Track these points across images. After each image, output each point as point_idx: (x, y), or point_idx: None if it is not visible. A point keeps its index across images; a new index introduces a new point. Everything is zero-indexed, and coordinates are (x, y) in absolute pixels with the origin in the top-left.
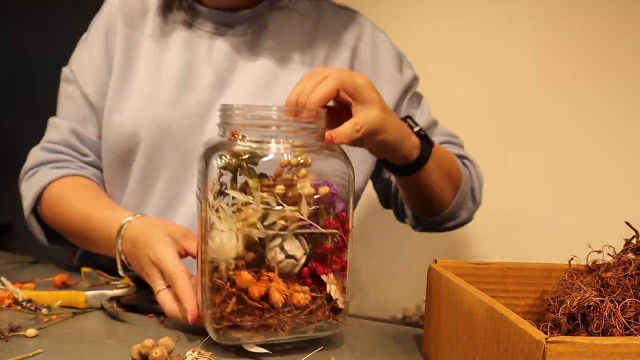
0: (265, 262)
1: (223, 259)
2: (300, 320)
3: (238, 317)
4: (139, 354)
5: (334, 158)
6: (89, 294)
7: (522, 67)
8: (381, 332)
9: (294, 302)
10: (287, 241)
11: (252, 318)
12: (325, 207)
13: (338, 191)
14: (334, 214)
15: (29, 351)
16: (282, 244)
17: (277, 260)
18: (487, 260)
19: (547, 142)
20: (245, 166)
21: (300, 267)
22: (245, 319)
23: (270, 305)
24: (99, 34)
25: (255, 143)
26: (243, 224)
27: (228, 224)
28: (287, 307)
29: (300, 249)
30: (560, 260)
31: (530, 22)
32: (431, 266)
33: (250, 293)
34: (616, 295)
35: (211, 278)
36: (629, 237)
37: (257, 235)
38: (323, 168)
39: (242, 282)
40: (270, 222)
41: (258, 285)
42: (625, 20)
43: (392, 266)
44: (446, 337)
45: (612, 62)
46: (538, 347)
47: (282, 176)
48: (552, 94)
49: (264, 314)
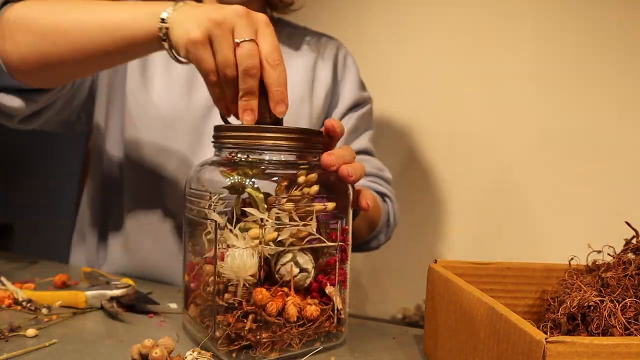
0: (275, 279)
1: (241, 277)
2: (310, 332)
3: (255, 335)
4: (139, 354)
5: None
6: (89, 294)
7: (522, 68)
8: (381, 332)
9: (307, 314)
10: (298, 256)
11: (268, 335)
12: (326, 222)
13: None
14: (340, 228)
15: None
16: (295, 258)
17: (293, 274)
18: (487, 260)
19: (547, 142)
20: (252, 186)
21: (310, 280)
22: (262, 336)
23: (285, 320)
24: None
25: (252, 162)
26: (260, 241)
27: (245, 242)
28: (300, 321)
29: (310, 263)
30: (560, 260)
31: (530, 22)
32: (431, 266)
33: (268, 309)
34: (616, 295)
35: (222, 298)
36: (629, 237)
37: (269, 252)
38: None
39: (261, 299)
40: (283, 238)
41: (275, 301)
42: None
43: (392, 266)
44: (446, 337)
45: (613, 62)
46: (538, 347)
47: (288, 193)
48: (552, 94)
49: (279, 329)
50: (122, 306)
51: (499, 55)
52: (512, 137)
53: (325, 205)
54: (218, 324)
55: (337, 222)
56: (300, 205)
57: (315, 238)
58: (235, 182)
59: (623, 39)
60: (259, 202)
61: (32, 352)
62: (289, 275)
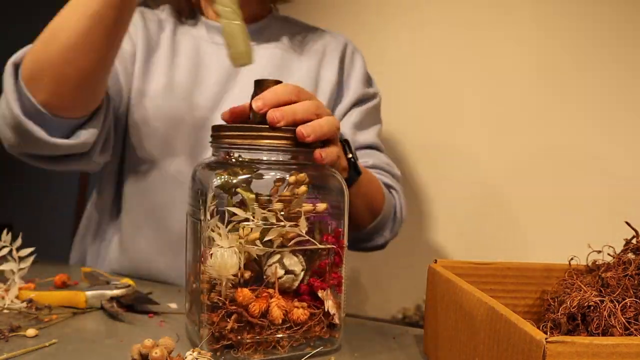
0: (264, 279)
1: (224, 276)
2: (298, 336)
3: (238, 335)
4: (139, 354)
5: (326, 174)
6: (89, 294)
7: (522, 68)
8: (381, 332)
9: (294, 318)
10: (285, 257)
11: (251, 336)
12: (319, 223)
13: (330, 209)
14: (332, 230)
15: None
16: (282, 260)
17: (277, 276)
18: (487, 260)
19: (547, 142)
20: (242, 185)
21: (299, 282)
22: (245, 337)
23: (270, 322)
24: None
25: (249, 162)
26: (244, 241)
27: (229, 242)
28: (286, 324)
29: (299, 265)
30: (560, 260)
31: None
32: (431, 266)
33: (250, 310)
34: (616, 295)
35: (208, 297)
36: (629, 237)
37: (256, 253)
38: (315, 184)
39: (243, 299)
40: (269, 239)
41: (258, 302)
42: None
43: (392, 266)
44: (446, 337)
45: (613, 63)
46: (538, 347)
47: (278, 193)
48: (552, 95)
49: (263, 331)
50: (122, 306)
51: (499, 56)
52: (512, 137)
53: (315, 205)
54: (202, 322)
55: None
56: (292, 206)
57: (305, 240)
58: (224, 182)
59: (624, 41)
60: (250, 202)
61: (32, 352)
62: (274, 277)
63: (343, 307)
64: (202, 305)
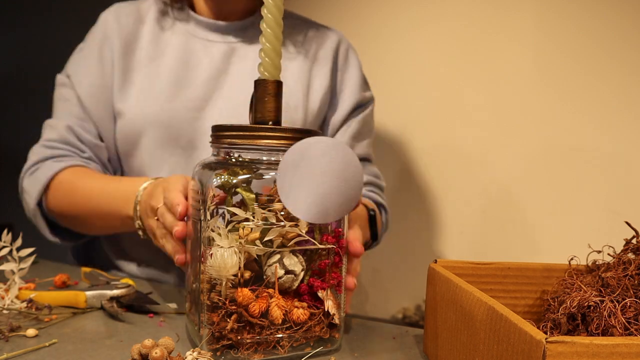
0: (264, 279)
1: (224, 276)
2: (298, 336)
3: (238, 335)
4: (139, 354)
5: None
6: (89, 294)
7: (521, 68)
8: (381, 332)
9: (294, 318)
10: (286, 257)
11: (251, 336)
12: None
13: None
14: (332, 230)
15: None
16: (282, 260)
17: (277, 275)
18: (487, 260)
19: (547, 142)
20: (242, 185)
21: (299, 282)
22: (245, 337)
23: (270, 322)
24: (95, 43)
25: (249, 162)
26: (244, 241)
27: (229, 241)
28: (286, 324)
29: (299, 265)
30: (560, 260)
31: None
32: (431, 266)
33: (250, 310)
34: (616, 295)
35: (209, 297)
36: (629, 237)
37: (256, 253)
38: None
39: (243, 299)
40: (269, 239)
41: (258, 302)
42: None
43: (392, 266)
44: (446, 337)
45: (612, 63)
46: (538, 347)
47: (278, 193)
48: (552, 95)
49: (263, 331)
50: (122, 306)
51: (499, 56)
52: (512, 137)
53: None
54: (202, 322)
55: (336, 224)
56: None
57: (304, 240)
58: (223, 182)
59: (623, 40)
60: (249, 202)
61: (32, 352)
62: (274, 277)
63: (343, 307)
64: (202, 305)
